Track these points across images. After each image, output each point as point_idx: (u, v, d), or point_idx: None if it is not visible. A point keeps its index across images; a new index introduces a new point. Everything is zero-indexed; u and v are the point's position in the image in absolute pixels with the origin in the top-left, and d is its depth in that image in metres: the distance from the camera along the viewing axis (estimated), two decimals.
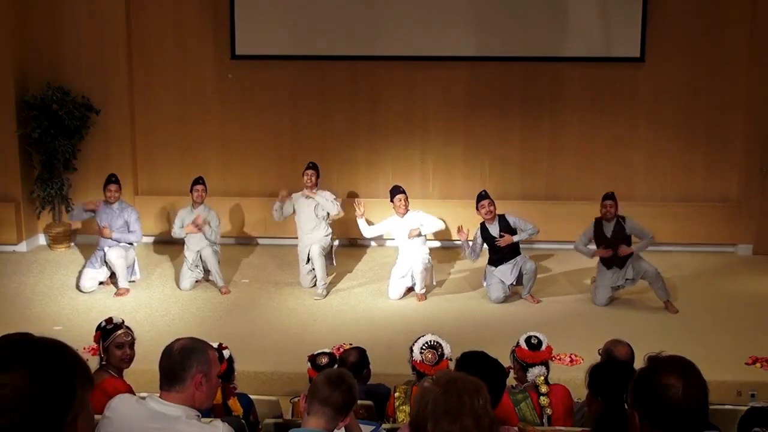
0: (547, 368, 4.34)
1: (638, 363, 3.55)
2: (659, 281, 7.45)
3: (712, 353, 6.23)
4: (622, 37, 9.20)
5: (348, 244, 9.53)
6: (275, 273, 8.61)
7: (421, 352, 4.28)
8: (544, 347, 4.34)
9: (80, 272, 8.08)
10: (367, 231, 8.07)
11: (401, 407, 4.19)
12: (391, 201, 7.81)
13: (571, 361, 6.20)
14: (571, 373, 5.80)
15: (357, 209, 7.97)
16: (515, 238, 7.58)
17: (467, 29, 9.27)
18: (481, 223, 7.73)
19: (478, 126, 9.50)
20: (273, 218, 8.26)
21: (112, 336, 4.28)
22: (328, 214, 8.04)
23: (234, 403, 4.04)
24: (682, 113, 9.37)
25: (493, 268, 7.72)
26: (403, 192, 7.83)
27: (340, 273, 8.49)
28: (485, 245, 7.76)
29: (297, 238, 8.22)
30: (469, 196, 9.44)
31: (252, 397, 4.38)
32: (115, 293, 7.82)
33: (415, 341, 4.38)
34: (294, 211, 8.15)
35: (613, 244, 7.46)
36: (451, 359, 4.23)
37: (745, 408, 3.66)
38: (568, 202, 9.40)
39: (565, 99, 9.43)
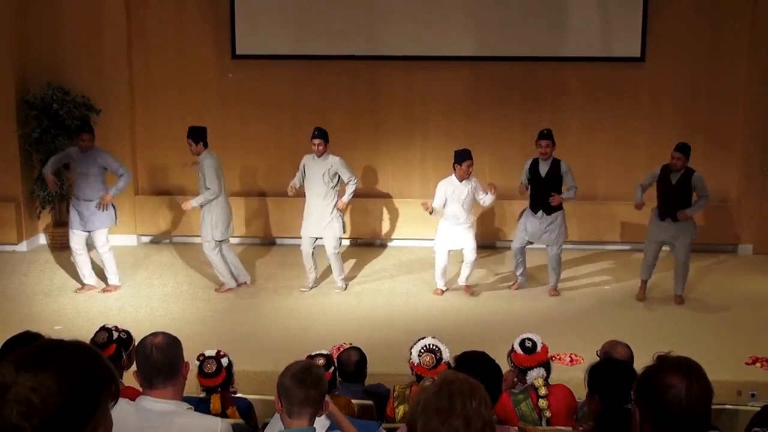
0: (548, 369, 4.29)
1: (638, 363, 3.55)
2: (685, 269, 7.50)
3: (712, 353, 6.21)
4: (622, 37, 9.19)
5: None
6: (275, 273, 8.61)
7: (419, 355, 4.24)
8: (539, 349, 4.27)
9: (68, 235, 7.90)
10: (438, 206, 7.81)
11: (399, 407, 4.19)
12: (459, 164, 7.66)
13: (571, 361, 6.20)
14: (571, 373, 5.79)
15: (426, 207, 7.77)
16: (564, 196, 7.63)
17: (467, 29, 9.27)
18: (533, 159, 7.77)
19: (478, 126, 9.49)
20: (289, 194, 8.04)
21: (133, 344, 4.23)
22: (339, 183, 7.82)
23: (233, 413, 3.99)
24: (682, 113, 9.36)
25: (532, 213, 7.75)
26: (471, 158, 7.69)
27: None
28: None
29: (298, 238, 8.10)
30: None
31: (252, 397, 4.37)
32: (103, 289, 7.87)
33: (415, 343, 4.35)
34: (304, 177, 7.87)
35: (673, 196, 7.42)
36: (449, 363, 4.20)
37: (745, 408, 3.65)
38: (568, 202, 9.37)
39: (565, 99, 9.43)
